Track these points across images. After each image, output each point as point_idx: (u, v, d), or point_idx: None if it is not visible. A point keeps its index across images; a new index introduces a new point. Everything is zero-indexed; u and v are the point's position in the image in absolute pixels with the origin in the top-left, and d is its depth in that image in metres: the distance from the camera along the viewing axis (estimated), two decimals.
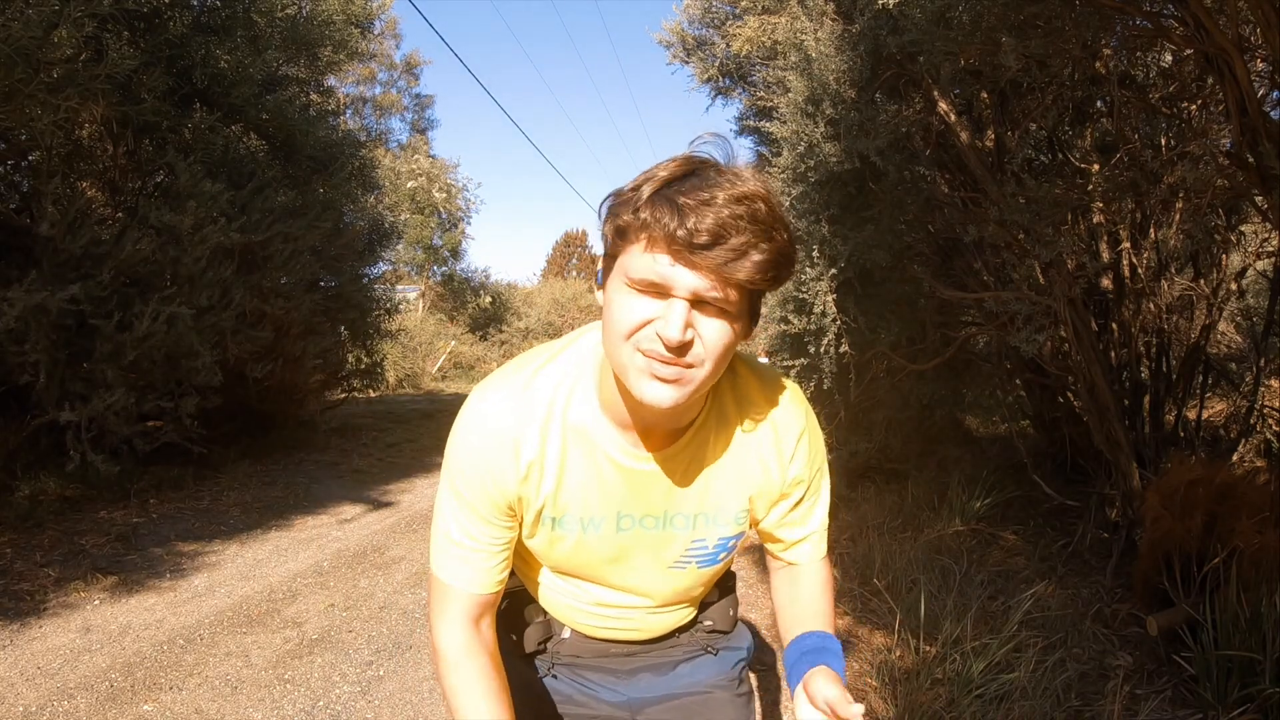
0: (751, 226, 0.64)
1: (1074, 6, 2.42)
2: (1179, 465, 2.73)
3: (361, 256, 6.63)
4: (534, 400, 0.80)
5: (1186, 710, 2.10)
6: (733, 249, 0.64)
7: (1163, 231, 3.20)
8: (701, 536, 0.87)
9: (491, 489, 0.80)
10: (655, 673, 0.99)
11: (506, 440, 0.79)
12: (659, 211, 0.64)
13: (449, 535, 0.83)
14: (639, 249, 0.66)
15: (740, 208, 0.63)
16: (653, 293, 0.67)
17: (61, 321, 3.67)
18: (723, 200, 0.63)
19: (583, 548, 0.85)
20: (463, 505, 0.82)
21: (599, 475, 0.81)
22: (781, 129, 3.79)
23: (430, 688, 2.43)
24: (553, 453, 0.80)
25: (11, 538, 3.50)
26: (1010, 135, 3.25)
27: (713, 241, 0.63)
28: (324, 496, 4.87)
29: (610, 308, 0.70)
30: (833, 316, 3.59)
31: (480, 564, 0.83)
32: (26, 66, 3.12)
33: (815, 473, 0.90)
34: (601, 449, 0.80)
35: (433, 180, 16.54)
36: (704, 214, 0.62)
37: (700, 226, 0.62)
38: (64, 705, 2.24)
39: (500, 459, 0.79)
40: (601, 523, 0.83)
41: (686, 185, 0.65)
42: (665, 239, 0.64)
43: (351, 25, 6.10)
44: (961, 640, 2.29)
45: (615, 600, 0.92)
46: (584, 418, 0.80)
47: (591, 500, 0.82)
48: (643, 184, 0.67)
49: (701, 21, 7.38)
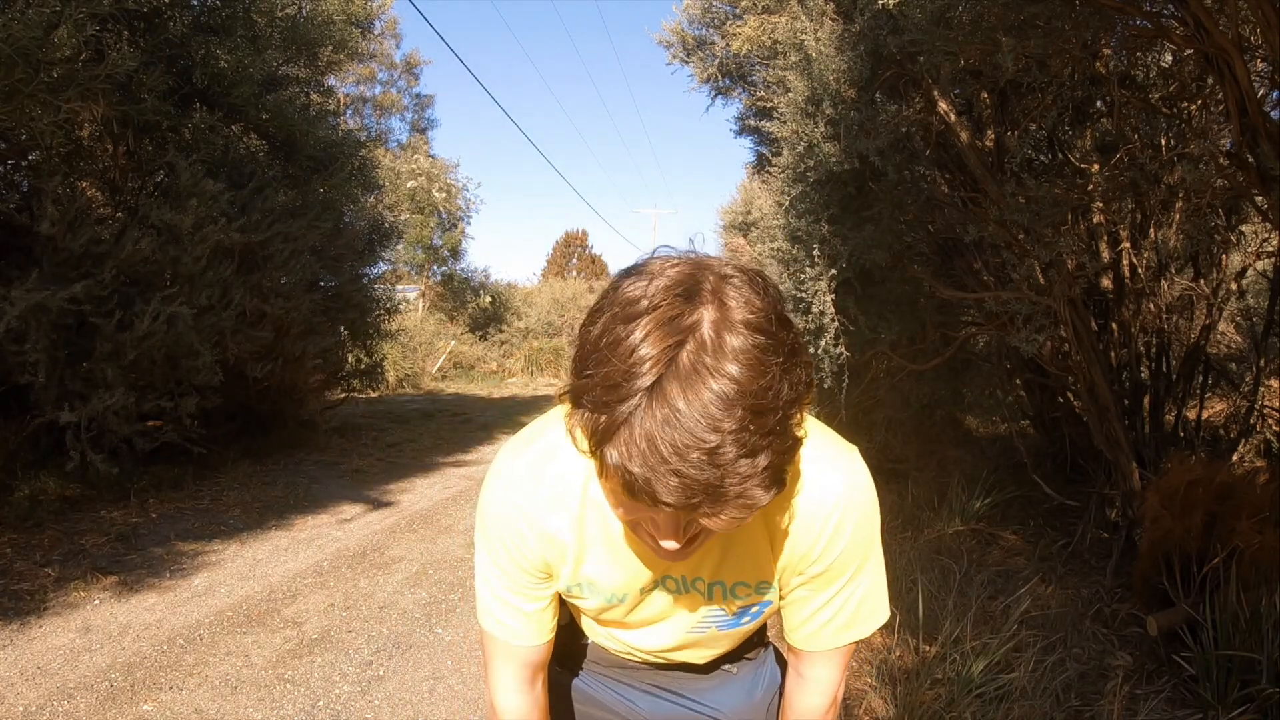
0: (731, 471, 0.51)
1: (1074, 6, 2.42)
2: (1179, 465, 2.73)
3: (361, 256, 6.63)
4: (550, 467, 0.77)
5: (1186, 710, 2.10)
6: (712, 506, 0.53)
7: (1163, 231, 3.21)
8: (720, 608, 0.84)
9: (524, 560, 0.80)
10: (680, 695, 0.96)
11: (533, 518, 0.77)
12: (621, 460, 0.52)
13: (494, 594, 0.83)
14: (606, 477, 0.57)
15: (711, 459, 0.50)
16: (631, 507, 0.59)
17: (61, 321, 3.67)
18: (694, 460, 0.50)
19: (605, 610, 0.85)
20: (501, 573, 0.81)
21: (621, 553, 0.79)
22: (781, 129, 3.79)
23: (430, 687, 2.43)
24: (574, 531, 0.78)
25: (11, 537, 3.50)
26: (1010, 135, 3.25)
27: (682, 505, 0.53)
28: (324, 496, 4.87)
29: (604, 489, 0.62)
30: (832, 316, 3.59)
31: (525, 619, 0.83)
32: (27, 66, 3.12)
33: (855, 559, 0.81)
34: (617, 529, 0.77)
35: (433, 180, 16.54)
36: (664, 479, 0.51)
37: (665, 499, 0.52)
38: (64, 705, 2.24)
39: (528, 535, 0.78)
40: (626, 595, 0.82)
41: (650, 421, 0.51)
42: (630, 492, 0.54)
43: (351, 25, 6.11)
44: (961, 640, 2.29)
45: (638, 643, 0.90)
46: (600, 494, 0.73)
47: (615, 575, 0.80)
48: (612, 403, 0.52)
49: (701, 21, 7.38)
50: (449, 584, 3.41)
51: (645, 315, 0.53)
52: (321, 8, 5.71)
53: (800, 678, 0.86)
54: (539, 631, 0.83)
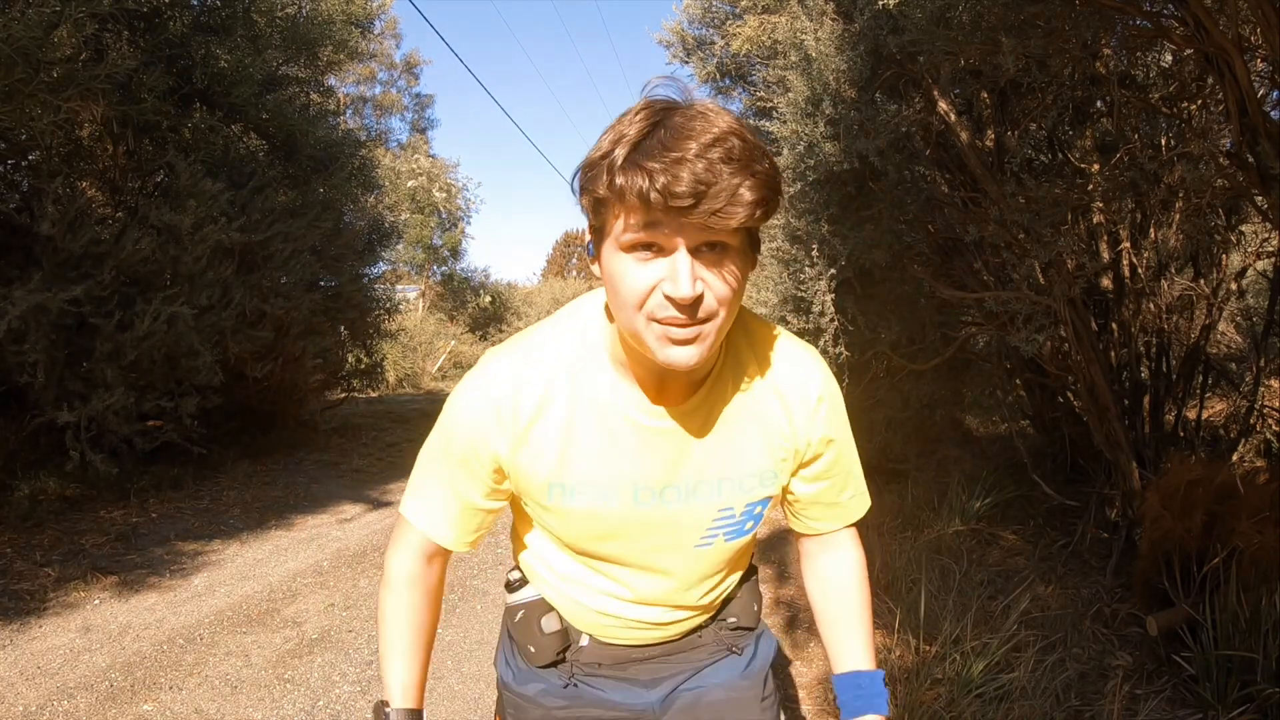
0: (730, 168, 0.60)
1: (1074, 6, 2.42)
2: (1179, 465, 2.73)
3: (361, 256, 6.63)
4: (538, 369, 0.79)
5: (1186, 710, 2.10)
6: (718, 199, 0.60)
7: (1163, 231, 3.20)
8: (729, 504, 0.83)
9: (481, 450, 0.79)
10: (679, 679, 0.96)
11: (505, 407, 0.78)
12: (634, 178, 0.60)
13: (425, 480, 0.85)
14: (624, 217, 0.64)
15: (715, 152, 0.60)
16: (651, 252, 0.65)
17: (61, 321, 3.68)
18: (695, 151, 0.59)
19: (597, 520, 0.81)
20: (447, 458, 0.82)
21: (612, 440, 0.78)
22: (781, 129, 3.79)
23: (430, 687, 2.43)
24: (556, 420, 0.78)
25: (11, 537, 3.50)
26: (1010, 135, 3.25)
27: (695, 200, 0.60)
28: (324, 496, 4.87)
29: (613, 279, 0.68)
30: (831, 316, 3.59)
31: (447, 514, 0.85)
32: (27, 66, 3.12)
33: (843, 426, 0.87)
34: (618, 410, 0.78)
35: (433, 180, 16.54)
36: (679, 173, 0.59)
37: (678, 189, 0.59)
38: (64, 705, 2.24)
39: (495, 424, 0.78)
40: (615, 496, 0.80)
41: (655, 142, 0.61)
42: (646, 207, 0.61)
43: (351, 25, 6.11)
44: (961, 640, 2.29)
45: (635, 588, 0.88)
46: (596, 381, 0.78)
47: (604, 469, 0.79)
48: (613, 149, 0.63)
49: (701, 21, 7.38)
50: (448, 583, 3.41)
51: (629, 111, 0.65)
52: (321, 8, 5.71)
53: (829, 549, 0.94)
54: (451, 534, 0.85)
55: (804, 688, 2.46)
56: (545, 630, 0.93)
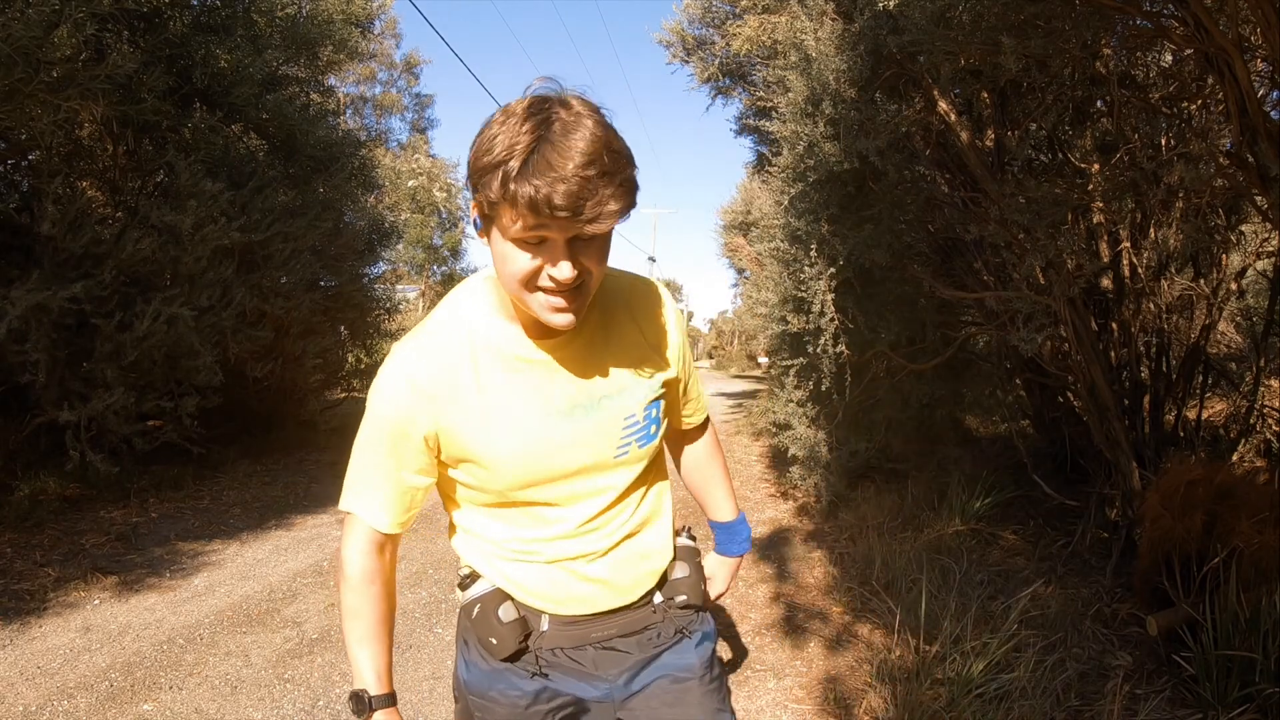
0: (601, 181, 0.72)
1: (1074, 6, 2.42)
2: (1179, 465, 2.73)
3: (361, 256, 6.63)
4: (438, 339, 0.90)
5: (1186, 710, 2.10)
6: (590, 209, 0.73)
7: (1163, 231, 3.20)
8: (630, 411, 0.95)
9: (409, 428, 0.88)
10: (636, 668, 1.02)
11: (420, 379, 0.88)
12: (524, 190, 0.71)
13: (361, 473, 0.93)
14: (513, 219, 0.75)
15: (590, 170, 0.71)
16: (533, 245, 0.77)
17: (62, 321, 3.68)
18: (571, 170, 0.70)
19: (526, 455, 0.90)
20: (378, 446, 0.90)
21: (516, 379, 0.90)
22: (781, 129, 3.79)
23: (430, 687, 2.43)
24: (465, 377, 0.89)
25: (11, 537, 3.50)
26: (1010, 135, 3.25)
27: (572, 212, 0.72)
28: (324, 496, 4.87)
29: (503, 260, 0.80)
30: (831, 316, 3.59)
31: (386, 500, 0.92)
32: (27, 66, 3.12)
33: (685, 337, 1.06)
34: (514, 352, 0.90)
35: (433, 179, 16.54)
36: (559, 189, 0.70)
37: (558, 202, 0.71)
38: (64, 705, 2.25)
39: (415, 399, 0.87)
40: (534, 426, 0.90)
41: (540, 159, 0.71)
42: (532, 211, 0.72)
43: (351, 25, 6.11)
44: (961, 640, 2.29)
45: (576, 519, 0.95)
46: (490, 335, 0.90)
47: (516, 406, 0.90)
48: (506, 159, 0.72)
49: (701, 21, 7.38)
50: (449, 583, 3.41)
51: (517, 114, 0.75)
52: (321, 8, 5.72)
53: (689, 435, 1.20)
54: (392, 518, 0.93)
55: (804, 688, 2.46)
56: (504, 620, 0.96)
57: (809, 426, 4.41)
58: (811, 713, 2.32)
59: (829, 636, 2.82)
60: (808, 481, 4.53)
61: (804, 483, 4.59)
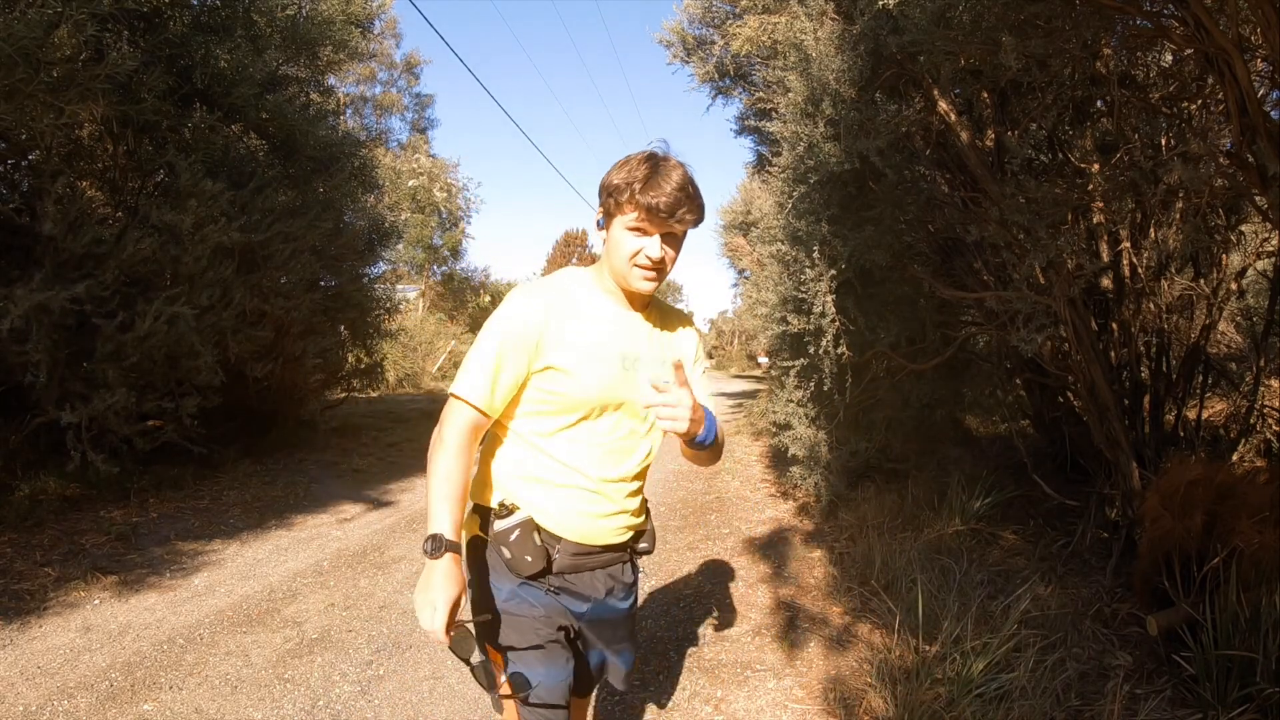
0: (688, 201, 1.23)
1: (1074, 6, 2.42)
2: (1179, 465, 2.73)
3: (361, 256, 6.63)
4: (554, 283, 1.32)
5: (1186, 710, 2.10)
6: (680, 215, 1.23)
7: (1163, 231, 3.20)
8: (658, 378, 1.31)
9: (531, 328, 1.24)
10: (605, 597, 1.38)
11: (546, 298, 1.27)
12: (646, 198, 1.21)
13: (477, 364, 1.23)
14: (632, 212, 1.23)
15: (681, 192, 1.22)
16: (639, 232, 1.24)
17: (63, 321, 3.68)
18: (670, 190, 1.21)
19: (598, 374, 1.26)
20: (501, 340, 1.23)
21: (604, 323, 1.30)
22: (781, 129, 3.79)
23: (430, 687, 2.43)
24: (571, 308, 1.28)
25: (11, 537, 3.50)
26: (1010, 135, 3.25)
27: (670, 214, 1.22)
28: (324, 496, 4.87)
29: (618, 241, 1.25)
30: (832, 317, 3.59)
31: (493, 384, 1.22)
32: (27, 66, 3.12)
33: (702, 355, 1.49)
34: (603, 308, 1.31)
35: (433, 179, 16.54)
36: (663, 198, 1.20)
37: (663, 206, 1.21)
38: (64, 704, 2.25)
39: (540, 308, 1.25)
40: (610, 357, 1.28)
41: (654, 181, 1.21)
42: (648, 212, 1.22)
43: (351, 25, 6.10)
44: (961, 640, 2.29)
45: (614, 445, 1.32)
46: (590, 291, 1.32)
47: (602, 339, 1.28)
48: (633, 181, 1.22)
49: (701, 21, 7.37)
50: None
51: (637, 158, 1.26)
52: (321, 8, 5.71)
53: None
54: (494, 396, 1.23)
55: (804, 688, 2.47)
56: (537, 543, 1.27)
57: (809, 426, 4.41)
58: (811, 713, 2.32)
59: (829, 636, 2.82)
60: (808, 481, 4.53)
61: (804, 483, 4.59)
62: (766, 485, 5.69)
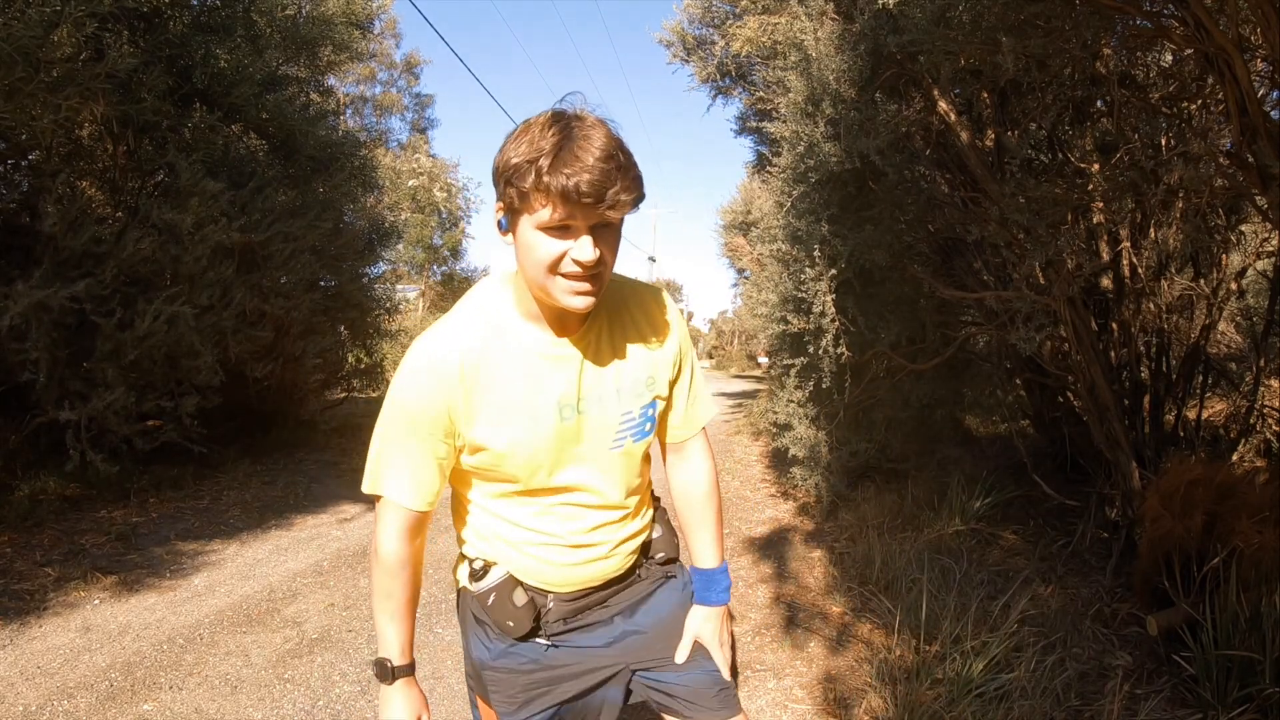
0: (618, 173, 0.85)
1: (1074, 6, 2.42)
2: (1179, 465, 2.73)
3: (361, 256, 6.63)
4: (462, 332, 0.99)
5: (1186, 710, 2.10)
6: (611, 196, 0.85)
7: (1163, 231, 3.20)
8: (628, 408, 1.06)
9: (436, 410, 0.96)
10: (631, 612, 1.16)
11: (447, 366, 0.96)
12: (556, 180, 0.83)
13: (389, 458, 1.00)
14: (543, 206, 0.86)
15: (609, 164, 0.84)
16: (559, 231, 0.88)
17: (62, 320, 3.67)
18: (593, 161, 0.83)
19: (537, 443, 1.00)
20: (406, 429, 0.98)
21: (533, 372, 1.00)
22: (781, 129, 3.79)
23: (430, 687, 2.43)
24: (487, 368, 0.98)
25: (11, 537, 3.50)
26: (1010, 135, 3.25)
27: (596, 197, 0.84)
28: (324, 496, 4.87)
29: (531, 248, 0.90)
30: (832, 316, 3.59)
31: (416, 480, 1.00)
32: (27, 66, 3.12)
33: (688, 342, 1.15)
34: (533, 348, 1.00)
35: (433, 179, 16.54)
36: (583, 176, 0.83)
37: (585, 189, 0.83)
38: (64, 704, 2.25)
39: (441, 383, 0.96)
40: (545, 416, 1.00)
41: (567, 153, 0.84)
42: (563, 199, 0.84)
43: (351, 25, 6.10)
44: (961, 640, 2.29)
45: (580, 501, 1.06)
46: (509, 326, 1.00)
47: (532, 397, 0.99)
48: (536, 157, 0.84)
49: (701, 21, 7.37)
50: (448, 583, 3.41)
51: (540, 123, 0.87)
52: (321, 8, 5.71)
53: (688, 458, 1.21)
54: (418, 495, 1.00)
55: (804, 688, 2.46)
56: (518, 604, 1.09)
57: (809, 426, 4.41)
58: (811, 713, 2.32)
59: (829, 636, 2.82)
60: (808, 481, 4.54)
61: (804, 483, 4.59)
62: (767, 485, 5.69)
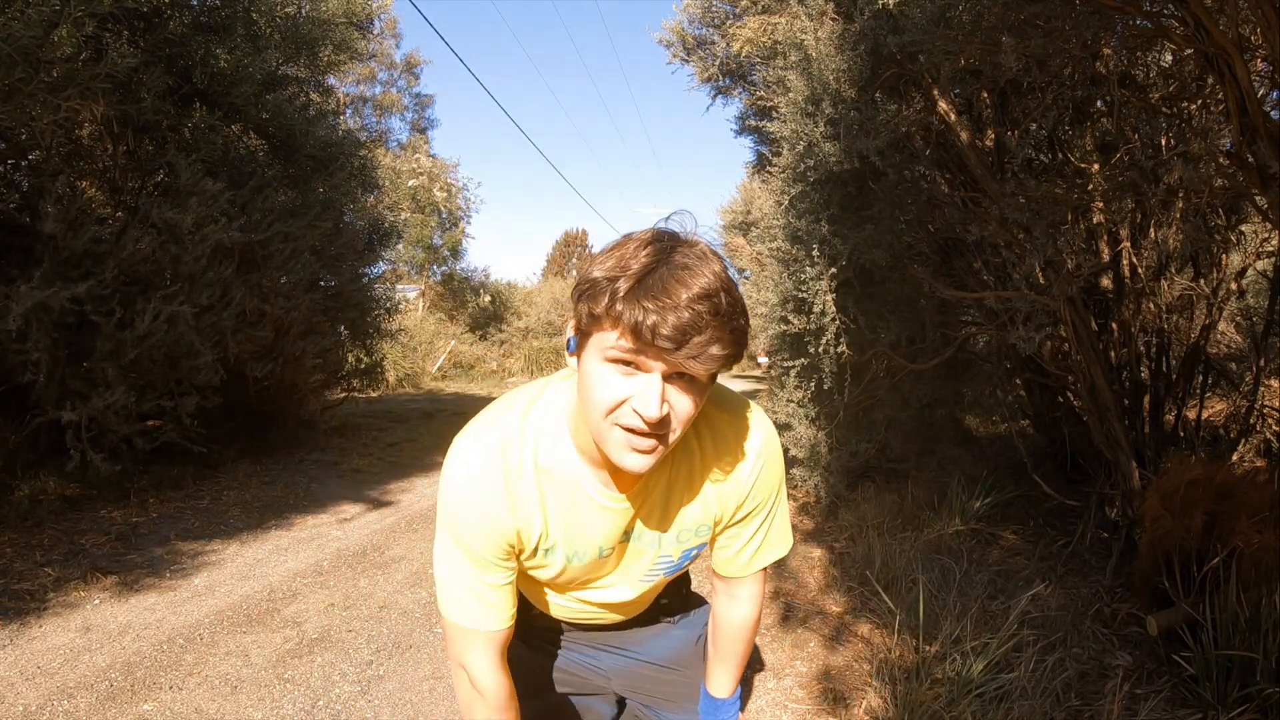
0: (713, 322, 0.68)
1: (1074, 6, 2.42)
2: (1179, 465, 2.72)
3: (361, 256, 6.62)
4: (517, 450, 0.87)
5: (1186, 710, 2.10)
6: (696, 346, 0.68)
7: (1163, 231, 3.20)
8: (668, 553, 0.97)
9: (494, 535, 0.88)
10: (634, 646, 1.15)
11: (498, 490, 0.86)
12: (632, 311, 0.68)
13: (463, 583, 0.90)
14: (614, 335, 0.71)
15: (702, 305, 0.67)
16: (624, 367, 0.73)
17: (63, 320, 3.67)
18: (686, 301, 0.67)
19: (572, 568, 0.95)
20: (469, 555, 0.89)
21: (580, 514, 0.90)
22: (781, 129, 3.79)
23: (430, 687, 2.43)
24: (541, 498, 0.88)
25: (11, 537, 3.50)
26: (1010, 135, 3.25)
27: (677, 344, 0.68)
28: (324, 496, 4.87)
29: (589, 380, 0.75)
30: (832, 316, 3.59)
31: (497, 604, 0.92)
32: (27, 66, 3.12)
33: (773, 489, 0.99)
34: (583, 490, 0.88)
35: (433, 179, 16.54)
36: (667, 318, 0.67)
37: (664, 332, 0.67)
38: (64, 705, 2.24)
39: (497, 508, 0.86)
40: (585, 552, 0.93)
41: (655, 281, 0.68)
42: (636, 335, 0.68)
43: (351, 25, 6.10)
44: (961, 640, 2.29)
45: (598, 602, 1.05)
46: (563, 463, 0.88)
47: (576, 534, 0.91)
48: (618, 276, 0.69)
49: (701, 21, 7.37)
50: None
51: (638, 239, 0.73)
52: (321, 7, 5.71)
53: (733, 597, 1.07)
54: (505, 616, 0.93)
55: (804, 687, 2.46)
56: (539, 625, 1.12)
57: (809, 426, 4.41)
58: (811, 712, 2.32)
59: (829, 636, 2.82)
60: (808, 481, 4.53)
61: (804, 482, 4.59)
62: None
